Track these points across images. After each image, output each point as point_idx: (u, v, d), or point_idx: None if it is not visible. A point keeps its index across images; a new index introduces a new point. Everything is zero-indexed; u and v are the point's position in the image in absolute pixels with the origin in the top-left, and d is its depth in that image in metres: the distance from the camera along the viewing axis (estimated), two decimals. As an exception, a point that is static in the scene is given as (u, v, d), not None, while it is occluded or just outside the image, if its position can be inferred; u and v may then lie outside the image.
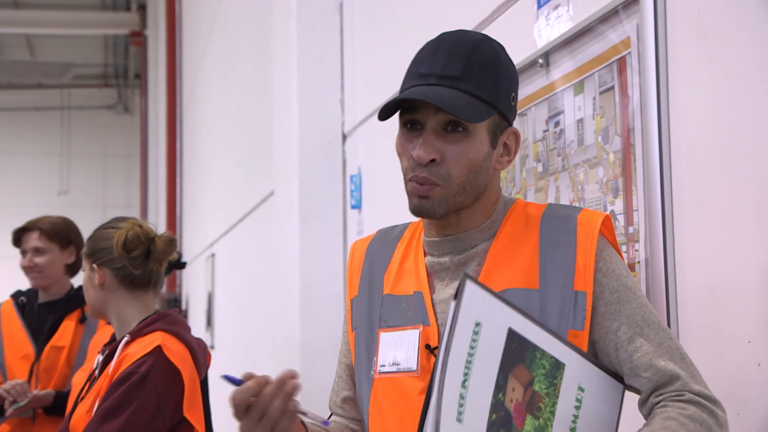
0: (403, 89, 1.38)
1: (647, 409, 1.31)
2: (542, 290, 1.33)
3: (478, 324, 1.22)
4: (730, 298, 1.53)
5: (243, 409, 1.23)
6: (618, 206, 1.82)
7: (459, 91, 1.33)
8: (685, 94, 1.64)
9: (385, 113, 1.36)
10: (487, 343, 1.22)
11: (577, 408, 1.28)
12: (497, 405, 1.22)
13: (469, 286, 1.22)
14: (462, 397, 1.19)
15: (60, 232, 3.19)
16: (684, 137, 1.64)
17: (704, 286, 1.59)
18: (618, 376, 1.33)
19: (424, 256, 1.44)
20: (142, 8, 14.13)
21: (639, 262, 1.75)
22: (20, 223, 3.26)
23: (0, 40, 15.35)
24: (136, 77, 16.60)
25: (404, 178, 1.39)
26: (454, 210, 1.38)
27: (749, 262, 1.49)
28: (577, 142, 1.98)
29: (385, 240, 1.52)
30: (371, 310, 1.47)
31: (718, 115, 1.56)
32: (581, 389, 1.29)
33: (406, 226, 1.53)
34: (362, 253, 1.53)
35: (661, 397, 1.29)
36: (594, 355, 1.35)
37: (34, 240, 3.16)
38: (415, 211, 1.38)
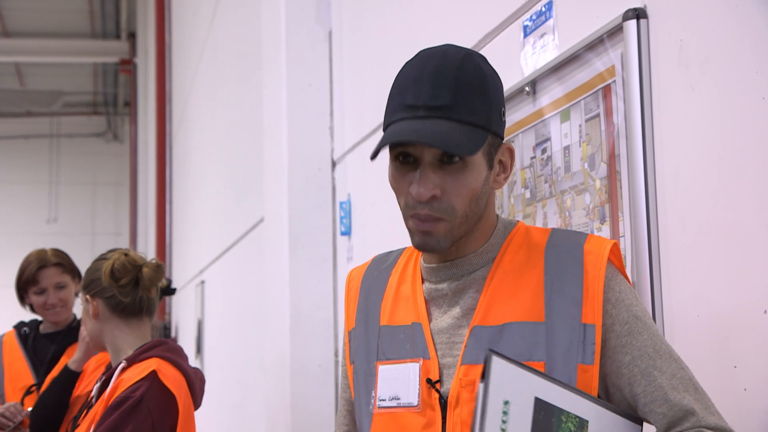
0: (389, 121, 1.31)
1: None
2: (548, 323, 1.28)
3: (506, 403, 1.18)
4: (716, 324, 1.54)
5: None
6: (605, 232, 1.84)
7: (451, 122, 1.27)
8: (669, 121, 1.66)
9: (377, 152, 1.29)
10: (517, 419, 1.19)
11: None
12: None
13: (496, 363, 1.18)
14: None
15: (71, 263, 3.20)
16: (669, 163, 1.66)
17: (690, 312, 1.60)
18: (634, 417, 1.29)
19: (422, 282, 1.40)
20: (132, 36, 14.18)
21: (626, 287, 1.76)
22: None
23: (-11, 68, 15.38)
24: (125, 105, 16.63)
25: (404, 215, 1.33)
26: (458, 240, 1.33)
27: (735, 287, 1.51)
28: (564, 169, 2.00)
29: (380, 268, 1.48)
30: (369, 342, 1.42)
31: (701, 142, 1.58)
32: None
33: (401, 252, 1.49)
34: (358, 283, 1.49)
35: None
36: (605, 389, 1.32)
37: (56, 275, 3.14)
38: (420, 247, 1.32)
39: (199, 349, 7.50)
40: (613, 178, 1.81)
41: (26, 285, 3.14)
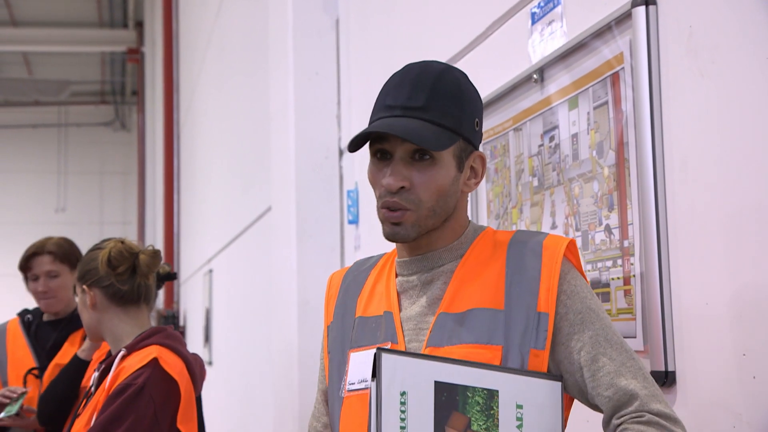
0: (372, 121, 1.43)
1: (610, 431, 1.33)
2: (507, 311, 1.37)
3: (403, 393, 1.25)
4: (725, 312, 1.54)
5: None
6: (613, 220, 1.83)
7: (423, 121, 1.38)
8: (677, 109, 1.66)
9: (354, 145, 1.42)
10: (417, 407, 1.25)
11: (520, 426, 1.31)
12: None
13: (385, 359, 1.25)
14: None
15: (68, 253, 3.19)
16: (677, 151, 1.65)
17: (699, 300, 1.60)
18: (553, 376, 1.36)
19: (396, 277, 1.49)
20: (139, 25, 14.18)
21: (634, 276, 1.76)
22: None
23: (-3, 57, 15.40)
24: (133, 94, 16.63)
25: (377, 206, 1.44)
26: (425, 232, 1.43)
27: (744, 275, 1.50)
28: (572, 157, 1.99)
29: (360, 269, 1.58)
30: (344, 333, 1.51)
31: (710, 129, 1.57)
32: (519, 406, 1.31)
33: (380, 256, 1.58)
34: (338, 282, 1.59)
35: (621, 419, 1.31)
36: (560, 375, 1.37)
37: (46, 264, 3.14)
38: (389, 237, 1.43)
39: (207, 338, 7.53)
40: (621, 165, 1.80)
41: (22, 270, 3.17)
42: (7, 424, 3.00)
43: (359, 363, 1.45)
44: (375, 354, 1.25)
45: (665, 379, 1.63)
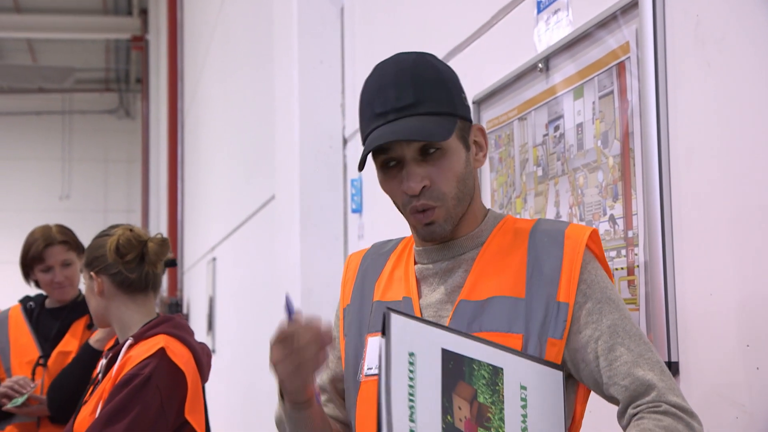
0: (364, 132, 1.43)
1: (626, 421, 1.32)
2: (528, 299, 1.37)
3: (412, 354, 1.25)
4: (730, 302, 1.53)
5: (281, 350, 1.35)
6: (617, 210, 1.83)
7: (420, 116, 1.37)
8: (683, 99, 1.65)
9: (363, 164, 1.40)
10: (425, 370, 1.26)
11: (524, 407, 1.31)
12: (448, 428, 1.25)
13: (395, 319, 1.25)
14: (412, 431, 1.22)
15: (76, 240, 3.18)
16: (683, 142, 1.65)
17: (703, 290, 1.59)
18: (555, 365, 1.36)
19: (415, 264, 1.49)
20: (144, 13, 14.15)
21: (638, 266, 1.75)
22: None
23: (1, 44, 15.38)
24: (137, 82, 16.62)
25: (404, 215, 1.43)
26: (458, 221, 1.42)
27: (748, 266, 1.50)
28: (577, 147, 1.98)
29: (379, 252, 1.58)
30: (361, 317, 1.51)
31: (716, 120, 1.57)
32: (524, 387, 1.32)
33: (399, 240, 1.58)
34: (356, 265, 1.58)
35: (638, 409, 1.31)
36: (575, 364, 1.37)
37: (62, 253, 3.12)
38: (426, 237, 1.43)
39: (210, 326, 7.54)
40: (626, 155, 1.80)
41: (32, 262, 3.13)
42: (14, 412, 3.01)
43: (377, 347, 1.43)
44: (384, 313, 1.25)
45: (669, 369, 1.63)
